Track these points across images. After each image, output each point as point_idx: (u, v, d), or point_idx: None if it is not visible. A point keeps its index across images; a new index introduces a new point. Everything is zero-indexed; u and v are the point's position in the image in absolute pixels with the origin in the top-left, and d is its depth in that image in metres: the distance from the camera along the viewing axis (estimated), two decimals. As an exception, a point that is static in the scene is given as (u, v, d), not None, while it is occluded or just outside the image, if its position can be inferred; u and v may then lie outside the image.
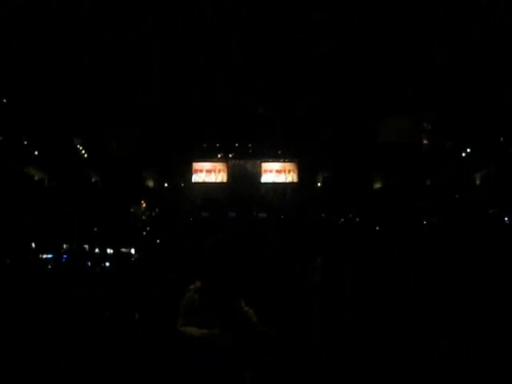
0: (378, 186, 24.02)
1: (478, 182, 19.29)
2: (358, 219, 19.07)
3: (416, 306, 5.87)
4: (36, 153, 19.20)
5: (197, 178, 26.52)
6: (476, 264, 7.03)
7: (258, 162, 26.53)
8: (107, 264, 8.73)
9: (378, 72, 19.29)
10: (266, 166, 26.56)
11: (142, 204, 23.96)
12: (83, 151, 23.08)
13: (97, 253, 9.69)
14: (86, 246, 10.00)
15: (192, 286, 3.32)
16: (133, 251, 9.96)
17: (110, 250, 9.66)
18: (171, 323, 3.31)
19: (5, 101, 17.43)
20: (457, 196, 18.33)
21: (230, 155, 26.55)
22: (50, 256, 8.78)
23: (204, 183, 26.46)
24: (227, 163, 26.58)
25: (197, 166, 26.54)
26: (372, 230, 15.31)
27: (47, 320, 4.74)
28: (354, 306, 6.22)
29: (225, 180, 26.53)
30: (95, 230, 13.66)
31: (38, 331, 4.47)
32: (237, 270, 3.46)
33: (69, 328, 4.59)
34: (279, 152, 26.34)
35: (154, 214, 23.33)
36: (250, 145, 26.41)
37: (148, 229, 17.70)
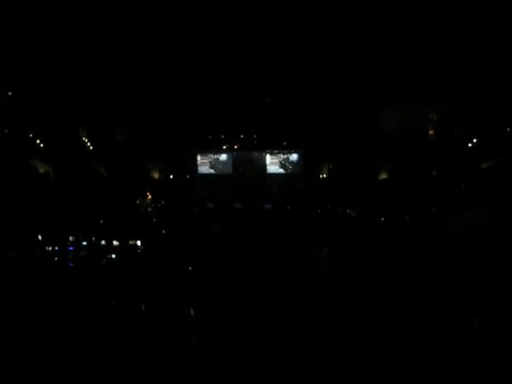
0: (383, 176, 23.93)
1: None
2: (361, 211, 19.03)
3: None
4: (42, 145, 19.26)
5: (202, 169, 26.53)
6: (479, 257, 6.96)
7: (263, 153, 26.49)
8: (113, 256, 8.81)
9: (383, 61, 19.14)
10: (270, 157, 26.52)
11: (147, 196, 24.05)
12: (88, 143, 23.13)
13: (103, 245, 9.75)
14: (93, 238, 10.06)
15: None
16: (139, 243, 10.01)
17: (115, 242, 9.72)
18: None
19: (10, 93, 17.47)
20: (463, 187, 18.23)
21: (235, 146, 26.51)
22: (56, 248, 8.85)
23: (209, 175, 26.46)
24: (232, 155, 26.56)
25: (202, 157, 26.55)
26: (377, 222, 15.28)
27: (52, 312, 4.78)
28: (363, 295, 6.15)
29: (230, 171, 26.51)
30: (101, 222, 13.74)
31: (43, 323, 4.51)
32: None
33: (74, 320, 4.63)
34: (284, 143, 26.26)
35: (159, 205, 23.43)
36: (255, 136, 26.33)
37: (154, 220, 17.79)
